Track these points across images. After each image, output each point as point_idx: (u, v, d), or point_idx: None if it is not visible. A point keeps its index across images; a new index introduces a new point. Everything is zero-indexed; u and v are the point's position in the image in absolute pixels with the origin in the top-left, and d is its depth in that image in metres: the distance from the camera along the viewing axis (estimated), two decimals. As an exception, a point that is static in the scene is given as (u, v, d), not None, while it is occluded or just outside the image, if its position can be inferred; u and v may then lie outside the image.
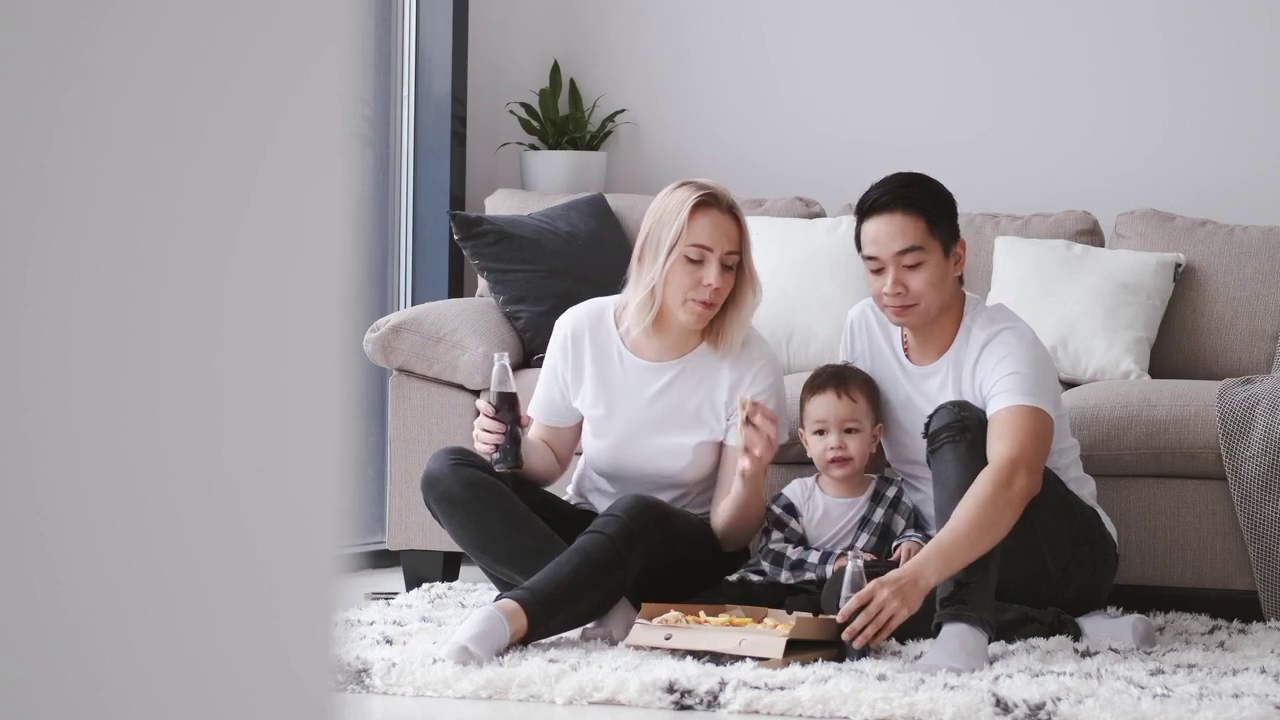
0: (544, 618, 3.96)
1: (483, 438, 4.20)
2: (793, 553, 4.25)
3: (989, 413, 4.08)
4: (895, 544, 4.28)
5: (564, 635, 4.05)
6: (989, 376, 4.12)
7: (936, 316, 4.21)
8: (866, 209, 4.21)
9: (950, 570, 3.90)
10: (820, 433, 4.31)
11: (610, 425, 4.38)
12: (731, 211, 4.26)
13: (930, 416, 4.10)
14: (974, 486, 3.94)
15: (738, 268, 4.28)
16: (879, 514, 4.31)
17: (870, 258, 4.19)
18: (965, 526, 3.91)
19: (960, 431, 4.01)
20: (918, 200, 4.18)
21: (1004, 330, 4.18)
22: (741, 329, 4.33)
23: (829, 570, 4.17)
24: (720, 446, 4.36)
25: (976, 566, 3.90)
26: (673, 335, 4.34)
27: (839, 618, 3.87)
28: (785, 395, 4.39)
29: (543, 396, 4.43)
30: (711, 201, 4.24)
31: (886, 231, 4.16)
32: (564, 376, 4.41)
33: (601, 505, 4.36)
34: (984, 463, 3.98)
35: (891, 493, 4.33)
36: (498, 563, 4.21)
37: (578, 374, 4.40)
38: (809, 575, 4.22)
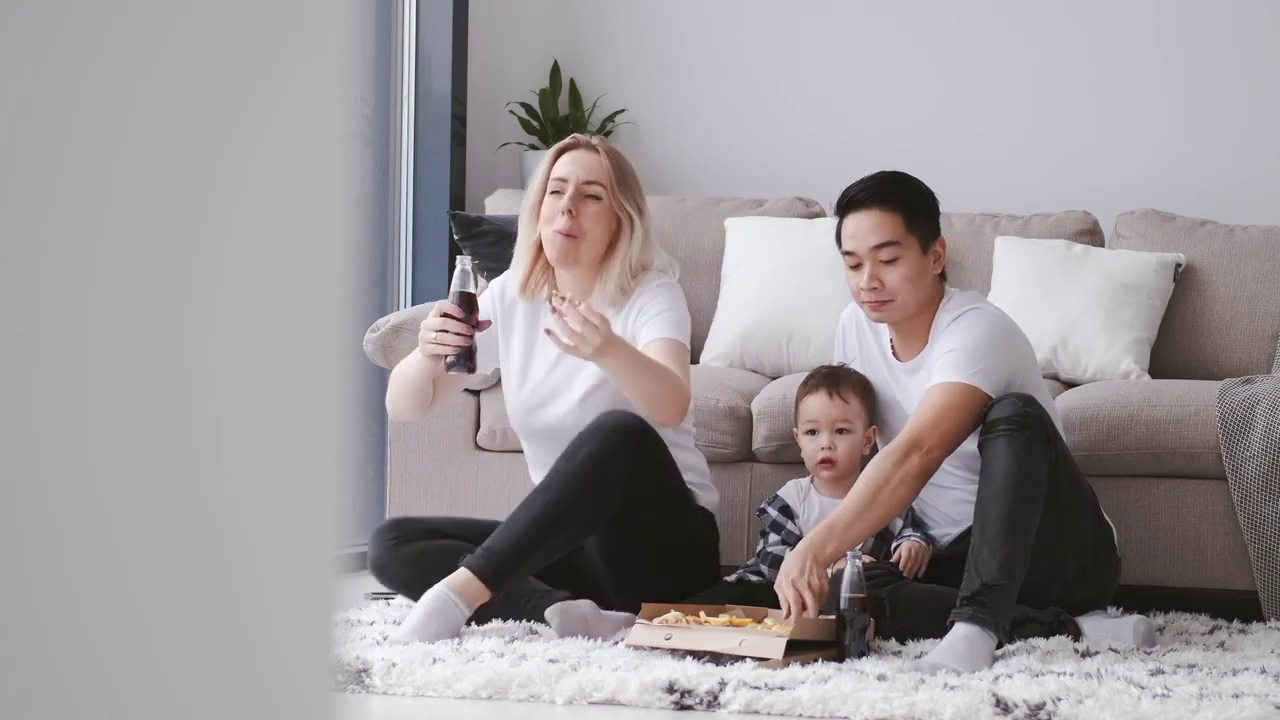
0: (501, 579, 4.03)
1: (442, 339, 4.13)
2: None
3: (935, 380, 4.10)
4: (894, 544, 4.28)
5: (564, 636, 4.05)
6: (940, 353, 4.14)
7: (915, 313, 4.21)
8: (845, 205, 4.24)
9: (846, 543, 3.96)
10: (812, 432, 4.31)
11: (524, 382, 4.39)
12: (596, 150, 4.30)
13: (992, 404, 4.07)
14: (872, 461, 4.04)
15: (613, 208, 4.28)
16: None
17: (848, 253, 4.21)
18: (854, 503, 3.98)
19: (1020, 427, 3.98)
20: (895, 196, 4.19)
21: (968, 312, 4.19)
22: (617, 273, 4.30)
23: (828, 573, 4.17)
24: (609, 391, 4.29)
25: (1005, 569, 3.89)
26: (565, 288, 4.33)
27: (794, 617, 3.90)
28: (683, 312, 4.31)
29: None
30: (574, 144, 4.32)
31: (864, 227, 4.18)
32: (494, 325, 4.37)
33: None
34: (1037, 463, 3.97)
35: None
36: None
37: (506, 333, 4.41)
38: None
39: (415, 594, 4.16)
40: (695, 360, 5.26)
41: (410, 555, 4.22)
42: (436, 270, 5.87)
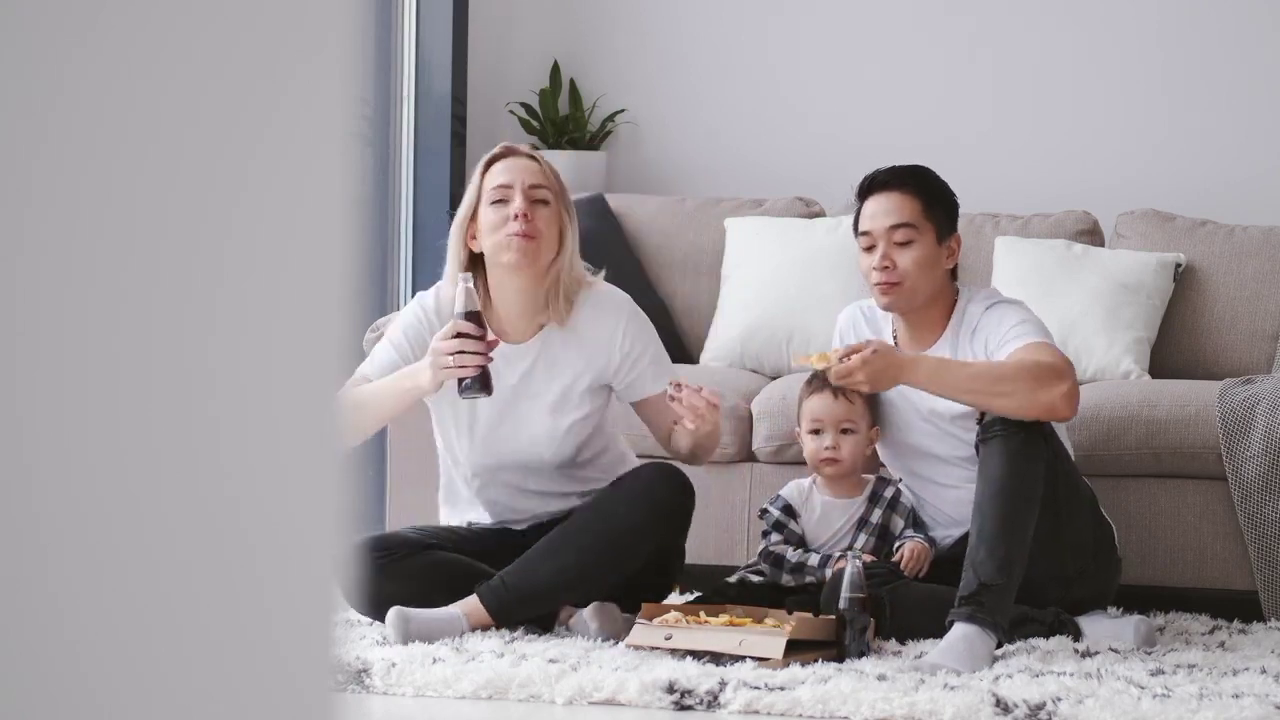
0: (509, 619, 4.06)
1: (462, 360, 3.96)
2: (793, 555, 4.25)
3: (1007, 351, 4.08)
4: (897, 545, 4.27)
5: (564, 636, 4.06)
6: (995, 331, 4.14)
7: (923, 305, 4.21)
8: (866, 188, 4.26)
9: (935, 384, 4.01)
10: (816, 432, 4.30)
11: (477, 416, 4.22)
12: (535, 157, 4.19)
13: None
14: (1027, 355, 4.02)
15: (560, 214, 4.16)
16: (877, 514, 4.31)
17: (864, 233, 4.23)
18: (982, 368, 4.02)
19: (1018, 428, 4.00)
20: (916, 182, 4.23)
21: (1003, 302, 4.23)
22: (563, 286, 4.16)
23: (829, 573, 4.17)
24: (591, 422, 4.24)
25: (1003, 569, 3.89)
26: (513, 307, 4.19)
27: (834, 361, 3.98)
28: (655, 334, 4.28)
29: (392, 358, 4.19)
30: (506, 152, 4.20)
31: (882, 208, 4.21)
32: (416, 352, 4.18)
33: (488, 515, 4.29)
34: (1034, 464, 3.97)
35: (889, 493, 4.33)
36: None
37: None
38: (809, 579, 4.22)
39: (413, 604, 4.05)
40: (695, 360, 5.28)
41: (408, 571, 4.10)
42: (436, 270, 5.87)
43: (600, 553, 4.07)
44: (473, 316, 4.00)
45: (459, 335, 3.98)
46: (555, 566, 4.06)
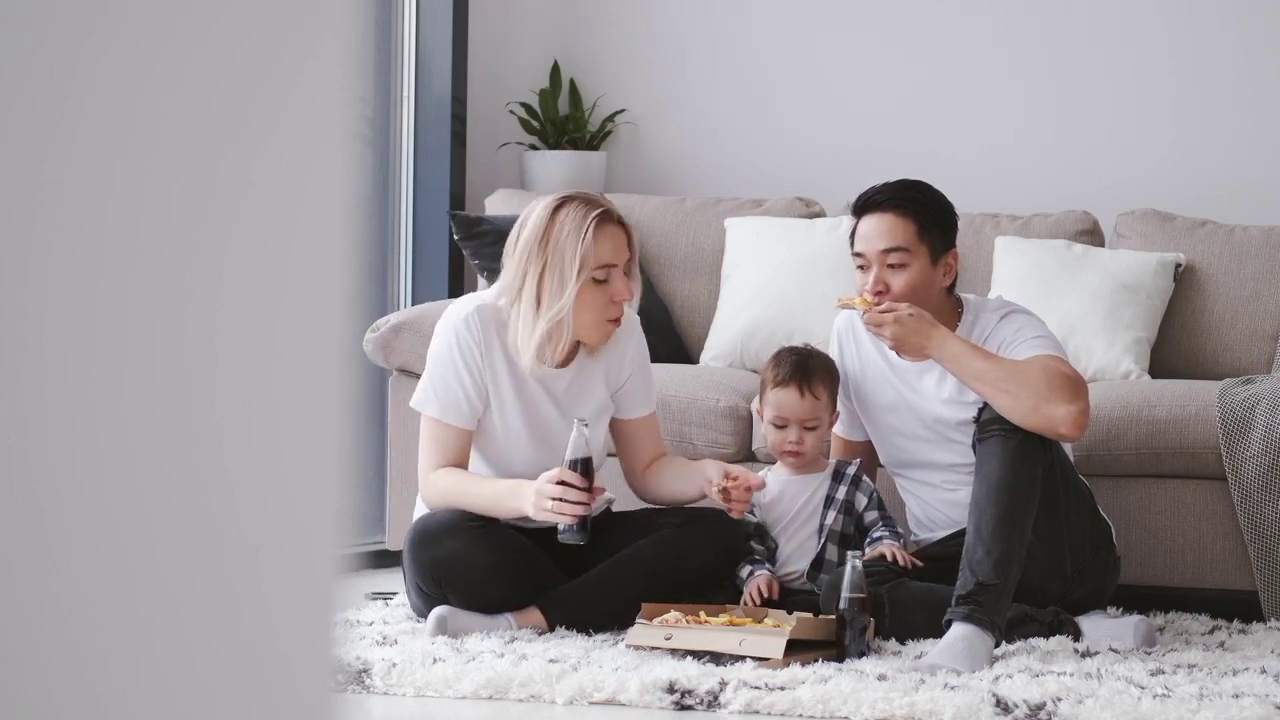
0: (565, 625, 4.11)
1: (563, 509, 3.98)
2: None
3: (1024, 355, 4.09)
4: (871, 540, 4.27)
5: (565, 635, 4.07)
6: (1013, 339, 4.15)
7: None
8: (861, 206, 4.25)
9: (954, 365, 4.06)
10: (781, 426, 4.31)
11: (533, 437, 4.21)
12: (621, 222, 4.18)
13: (985, 404, 4.08)
14: (1050, 364, 4.05)
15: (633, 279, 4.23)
16: (842, 491, 4.31)
17: (858, 254, 4.22)
18: (1003, 362, 4.04)
19: (1015, 427, 4.00)
20: (911, 203, 4.20)
21: (1019, 312, 4.24)
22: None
23: (745, 581, 4.19)
24: (604, 436, 4.29)
25: (1000, 569, 3.90)
26: (560, 343, 4.18)
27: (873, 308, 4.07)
28: (649, 359, 4.36)
29: (458, 393, 4.17)
30: (608, 217, 4.14)
31: (875, 230, 4.19)
32: (481, 372, 4.17)
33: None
34: (1030, 464, 3.97)
35: (851, 470, 4.33)
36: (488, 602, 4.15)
37: (494, 374, 4.19)
38: (738, 582, 4.23)
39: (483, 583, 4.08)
40: (695, 360, 5.28)
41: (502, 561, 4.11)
42: (436, 270, 5.87)
43: (671, 588, 4.12)
44: (582, 464, 4.00)
45: (564, 484, 3.99)
46: (626, 597, 4.09)
